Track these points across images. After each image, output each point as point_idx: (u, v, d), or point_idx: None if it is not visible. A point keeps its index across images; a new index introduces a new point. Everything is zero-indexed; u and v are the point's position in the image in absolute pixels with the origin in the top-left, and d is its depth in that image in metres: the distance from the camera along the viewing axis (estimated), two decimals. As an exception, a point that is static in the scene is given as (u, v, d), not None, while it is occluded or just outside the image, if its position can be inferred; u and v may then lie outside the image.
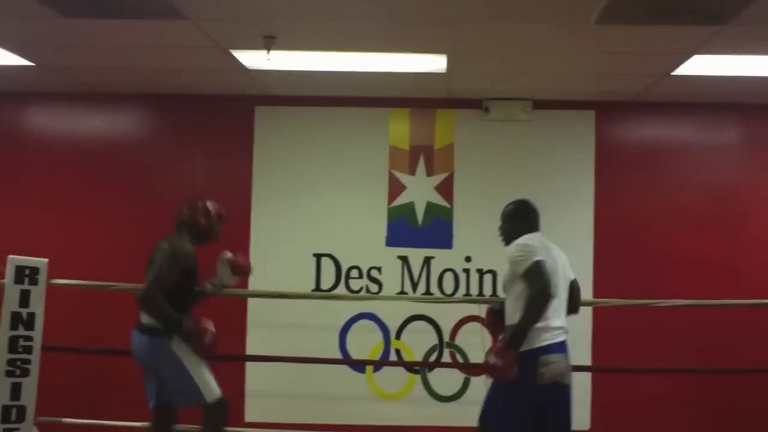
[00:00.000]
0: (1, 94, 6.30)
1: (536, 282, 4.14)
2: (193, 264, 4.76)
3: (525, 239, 4.36)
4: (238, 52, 4.92)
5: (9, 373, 5.16)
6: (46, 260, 5.67)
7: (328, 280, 6.15)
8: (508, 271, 4.32)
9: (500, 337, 4.26)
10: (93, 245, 6.19)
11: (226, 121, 6.28)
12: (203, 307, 5.96)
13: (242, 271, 5.11)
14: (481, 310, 5.79)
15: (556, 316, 4.24)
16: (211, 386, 4.70)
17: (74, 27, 4.55)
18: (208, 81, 5.83)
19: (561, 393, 4.23)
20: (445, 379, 6.10)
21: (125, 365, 5.90)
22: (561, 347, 4.23)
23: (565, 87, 5.84)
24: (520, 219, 4.50)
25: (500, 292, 5.96)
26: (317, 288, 6.13)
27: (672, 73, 5.27)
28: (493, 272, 6.09)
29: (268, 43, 4.53)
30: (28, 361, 5.51)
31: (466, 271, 6.12)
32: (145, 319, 4.70)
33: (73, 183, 6.22)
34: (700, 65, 5.06)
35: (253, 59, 5.07)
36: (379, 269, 6.14)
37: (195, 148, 6.29)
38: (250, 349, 6.10)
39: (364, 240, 6.16)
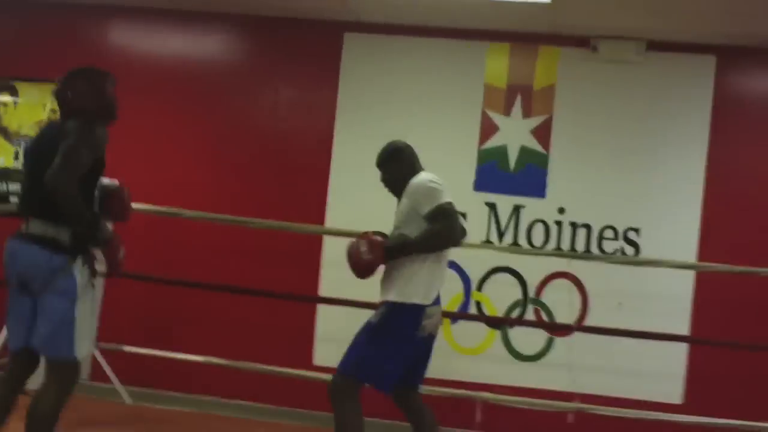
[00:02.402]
0: (82, 8, 6.08)
1: (446, 223, 3.87)
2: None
3: (430, 176, 4.01)
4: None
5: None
6: (116, 182, 5.48)
7: (409, 223, 5.78)
8: (407, 206, 3.97)
9: (382, 237, 3.94)
10: (169, 169, 5.96)
11: (312, 47, 5.92)
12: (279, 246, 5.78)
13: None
14: (571, 266, 5.42)
15: (440, 272, 4.01)
16: (85, 342, 3.75)
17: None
18: (295, 2, 5.46)
19: (431, 343, 4.08)
20: (527, 337, 5.68)
21: (192, 296, 5.76)
22: (438, 300, 4.02)
23: (685, 26, 5.26)
24: (405, 160, 4.14)
25: (593, 248, 5.60)
26: (397, 231, 5.76)
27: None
28: (588, 226, 5.61)
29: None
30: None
31: (559, 223, 5.66)
32: (39, 227, 3.68)
33: (152, 104, 5.98)
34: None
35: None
36: (464, 215, 5.69)
37: (279, 73, 5.96)
38: (324, 291, 5.80)
39: (450, 182, 5.44)
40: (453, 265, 5.70)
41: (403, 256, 3.89)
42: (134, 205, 5.34)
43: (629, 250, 5.59)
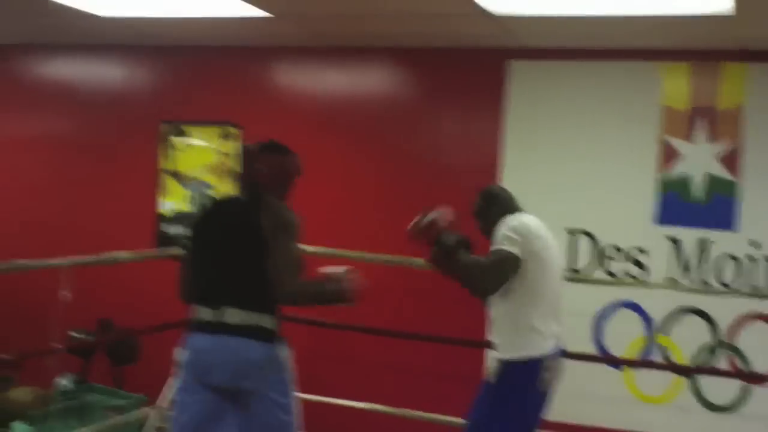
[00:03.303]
0: (243, 50, 6.12)
1: (492, 263, 3.53)
2: None
3: (516, 222, 3.65)
4: (475, -10, 4.27)
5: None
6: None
7: (583, 260, 5.36)
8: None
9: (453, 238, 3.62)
10: (329, 208, 5.85)
11: (474, 76, 5.64)
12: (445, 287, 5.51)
13: None
14: (765, 307, 4.83)
15: (553, 318, 3.66)
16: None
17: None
18: (451, 30, 5.21)
19: (548, 398, 3.70)
20: (720, 385, 5.10)
21: (354, 340, 5.58)
22: (557, 353, 3.67)
23: None
24: (498, 205, 3.81)
25: (795, 287, 4.99)
26: (571, 269, 5.36)
27: None
28: (787, 262, 5.02)
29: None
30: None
31: (752, 258, 5.06)
32: (241, 316, 3.33)
33: (314, 141, 5.90)
34: None
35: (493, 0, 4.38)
36: (644, 251, 5.26)
37: (441, 106, 5.73)
38: (492, 333, 5.48)
39: (627, 216, 5.29)
40: (634, 306, 5.29)
41: (444, 258, 3.62)
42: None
43: (838, 288, 4.94)
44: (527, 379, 3.58)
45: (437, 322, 5.48)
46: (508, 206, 3.84)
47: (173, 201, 6.24)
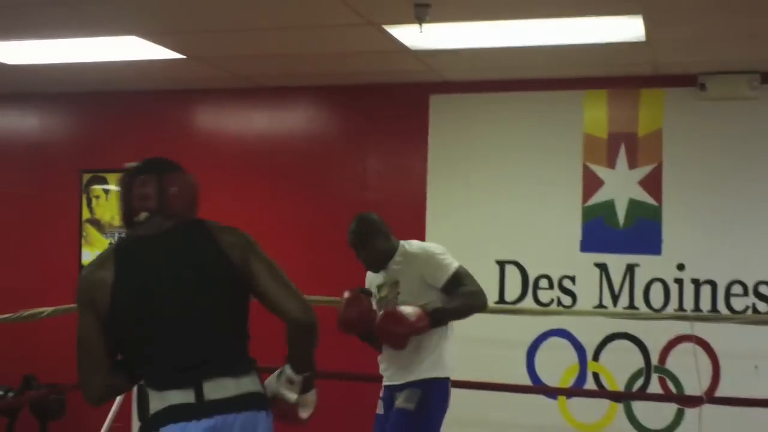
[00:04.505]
0: (163, 93, 6.04)
1: (474, 284, 3.57)
2: None
3: (427, 244, 3.75)
4: (392, 27, 4.25)
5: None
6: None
7: (513, 291, 5.37)
8: (417, 274, 3.57)
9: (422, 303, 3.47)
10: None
11: (398, 112, 5.67)
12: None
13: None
14: (696, 328, 4.87)
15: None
16: None
17: (220, 8, 4.09)
18: (373, 67, 5.24)
19: None
20: (654, 409, 5.13)
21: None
22: None
23: (802, 53, 4.74)
24: (383, 231, 3.69)
25: (720, 306, 5.06)
26: (501, 300, 5.36)
27: None
28: (712, 282, 5.07)
29: (421, 12, 3.82)
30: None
31: (678, 281, 5.12)
32: (243, 383, 2.52)
33: (240, 182, 5.84)
34: None
35: (412, 37, 4.38)
36: (572, 279, 5.28)
37: (365, 142, 5.75)
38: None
39: (554, 245, 5.32)
40: (565, 334, 5.29)
41: (440, 324, 3.52)
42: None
43: (762, 307, 5.00)
44: (445, 400, 3.61)
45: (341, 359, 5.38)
46: (389, 233, 3.73)
47: (95, 251, 6.08)
